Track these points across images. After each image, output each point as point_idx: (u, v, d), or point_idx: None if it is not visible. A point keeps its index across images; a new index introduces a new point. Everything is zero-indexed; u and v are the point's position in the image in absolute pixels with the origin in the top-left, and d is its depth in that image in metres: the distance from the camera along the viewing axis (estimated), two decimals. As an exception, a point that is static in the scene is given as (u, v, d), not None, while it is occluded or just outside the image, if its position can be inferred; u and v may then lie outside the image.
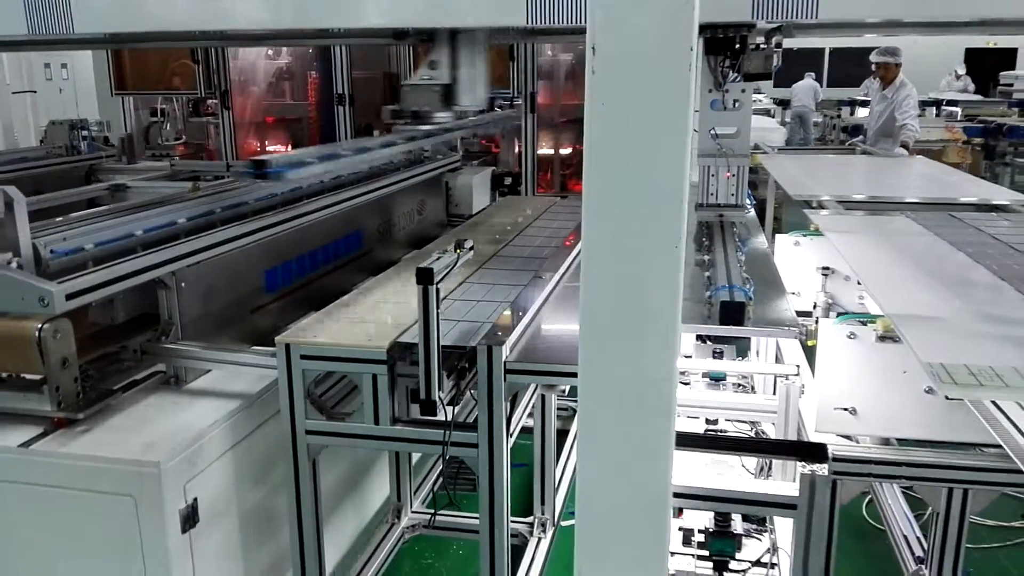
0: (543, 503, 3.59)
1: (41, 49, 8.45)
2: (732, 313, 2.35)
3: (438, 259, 2.31)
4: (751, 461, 2.82)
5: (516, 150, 6.72)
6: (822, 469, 2.14)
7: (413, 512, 3.66)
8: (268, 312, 3.29)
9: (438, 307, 2.24)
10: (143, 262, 2.66)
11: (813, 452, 2.17)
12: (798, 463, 2.16)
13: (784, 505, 2.19)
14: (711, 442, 2.55)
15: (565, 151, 7.10)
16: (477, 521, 2.60)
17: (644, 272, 1.69)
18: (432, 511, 3.56)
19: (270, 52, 7.72)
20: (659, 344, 1.72)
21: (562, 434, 4.17)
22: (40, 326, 2.39)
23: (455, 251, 2.41)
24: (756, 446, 2.59)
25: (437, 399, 2.30)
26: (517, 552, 3.38)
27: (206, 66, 7.18)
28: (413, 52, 6.89)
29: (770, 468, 2.91)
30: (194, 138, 7.77)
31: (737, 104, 3.50)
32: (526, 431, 3.50)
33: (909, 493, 3.43)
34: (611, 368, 1.74)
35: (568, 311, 2.94)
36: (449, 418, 2.38)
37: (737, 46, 3.12)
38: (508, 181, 5.73)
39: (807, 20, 2.69)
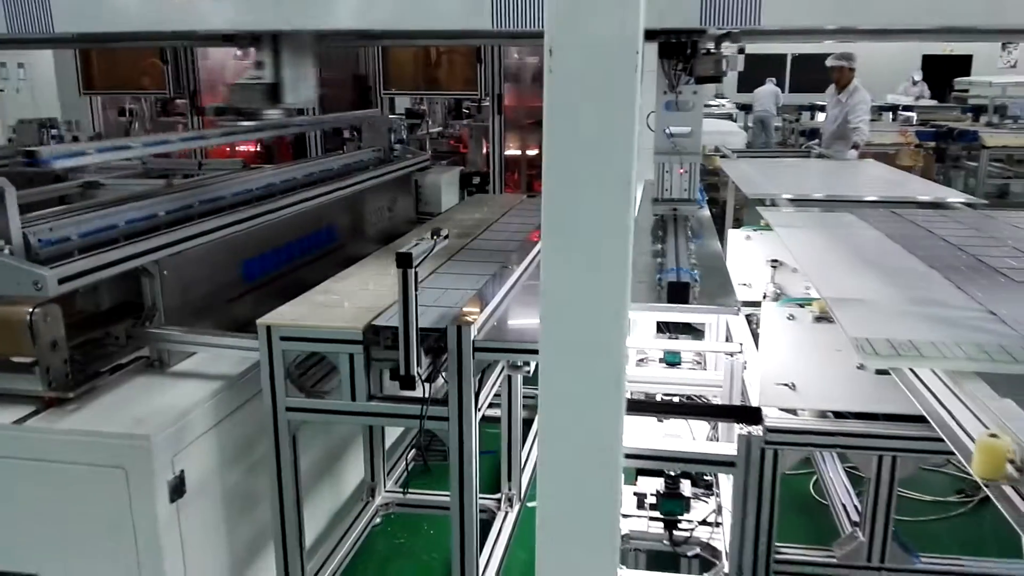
0: (510, 480, 3.78)
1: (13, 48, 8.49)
2: (678, 292, 2.55)
3: (416, 245, 2.49)
4: (700, 433, 3.04)
5: (484, 150, 6.92)
6: (757, 430, 2.36)
7: (386, 491, 3.83)
8: (245, 301, 3.44)
9: (416, 289, 2.43)
10: (129, 250, 2.81)
11: (749, 415, 2.39)
12: (736, 426, 2.38)
13: (724, 463, 2.41)
14: (657, 407, 2.77)
15: (532, 152, 7.30)
16: (447, 497, 2.79)
17: (597, 251, 1.88)
18: (404, 490, 3.73)
19: (239, 52, 7.83)
20: (611, 317, 1.91)
21: (527, 423, 4.36)
22: (31, 310, 2.55)
23: (432, 238, 2.60)
24: (698, 410, 2.81)
25: (416, 374, 2.48)
26: (485, 526, 3.56)
27: (175, 66, 7.31)
28: (382, 54, 7.06)
29: (717, 439, 3.13)
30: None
31: (689, 105, 3.69)
32: (493, 420, 3.69)
33: (851, 471, 3.68)
34: (568, 339, 1.93)
35: (532, 298, 3.14)
36: (426, 394, 2.57)
37: (689, 51, 3.32)
38: (476, 180, 5.92)
39: (752, 27, 2.91)
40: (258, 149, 7.75)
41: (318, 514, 3.45)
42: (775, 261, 4.10)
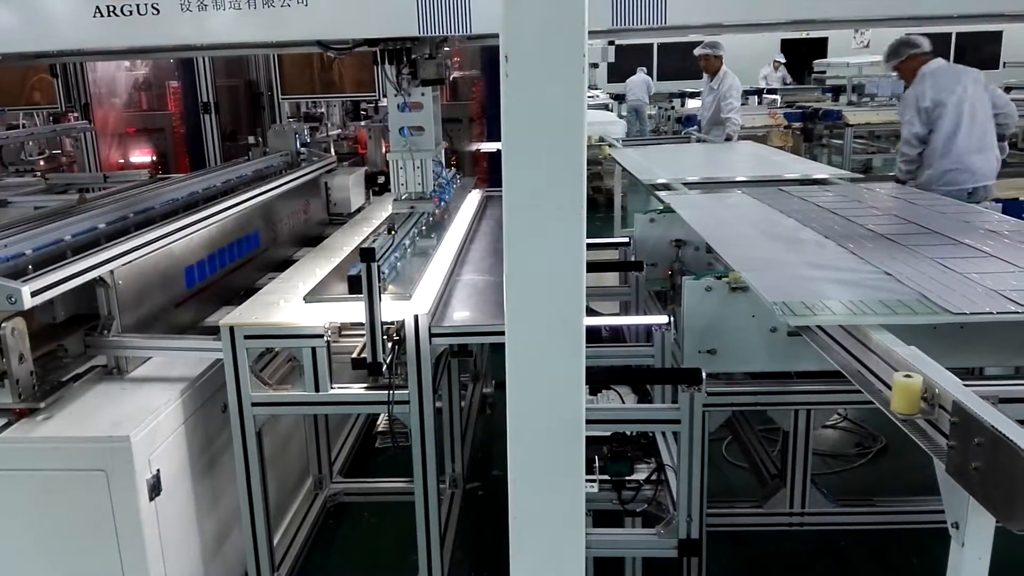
0: (453, 462, 3.99)
1: None
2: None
3: (375, 240, 2.66)
4: (630, 400, 3.31)
5: (384, 150, 7.03)
6: (699, 390, 2.63)
7: (333, 483, 3.98)
8: (188, 307, 3.54)
9: (380, 281, 2.61)
10: (91, 261, 2.87)
11: (690, 376, 2.66)
12: (680, 388, 2.65)
13: (669, 421, 2.68)
14: (609, 374, 3.03)
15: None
16: (395, 484, 2.84)
17: (554, 235, 2.09)
18: (352, 479, 3.88)
19: (127, 64, 7.75)
20: (570, 293, 2.13)
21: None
22: (-2, 324, 2.62)
23: (388, 234, 2.78)
24: (645, 375, 3.08)
25: (382, 361, 2.66)
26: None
27: (65, 80, 7.17)
28: (277, 60, 7.11)
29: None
30: (55, 151, 7.71)
31: (419, 106, 3.76)
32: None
33: (765, 435, 4.03)
34: (532, 315, 2.12)
35: (470, 287, 3.35)
36: (392, 379, 2.75)
37: (414, 56, 3.51)
38: (382, 180, 6.04)
39: (657, 26, 3.18)
40: (154, 159, 7.68)
41: (272, 507, 3.57)
42: (679, 241, 4.42)
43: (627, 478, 2.90)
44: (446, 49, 3.65)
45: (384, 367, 2.70)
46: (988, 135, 5.62)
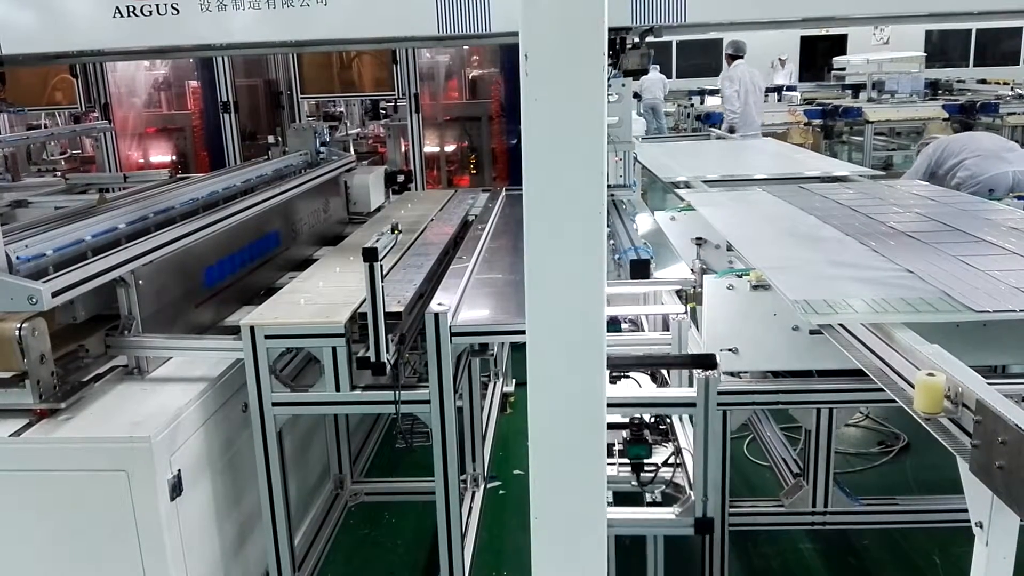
0: (474, 461, 3.98)
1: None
2: (640, 269, 2.79)
3: (378, 240, 2.66)
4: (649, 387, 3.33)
5: (403, 149, 7.05)
6: (714, 373, 2.63)
7: (354, 483, 3.99)
8: (209, 306, 3.54)
9: (382, 280, 2.61)
10: (112, 260, 2.89)
11: (705, 362, 2.67)
12: (695, 372, 2.66)
13: (685, 404, 2.69)
14: (626, 362, 3.04)
15: (450, 148, 7.45)
16: (415, 484, 2.86)
17: (576, 233, 2.09)
18: (373, 479, 3.89)
19: (147, 64, 7.78)
20: (591, 289, 2.12)
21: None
22: (19, 325, 2.63)
23: (392, 233, 2.78)
24: (661, 361, 3.09)
25: (386, 360, 2.66)
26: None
27: (85, 80, 7.21)
28: (297, 59, 7.13)
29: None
30: (75, 151, 7.75)
31: (619, 97, 3.87)
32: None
33: (784, 431, 4.00)
34: (554, 308, 2.12)
35: (490, 284, 3.35)
36: (399, 378, 2.75)
37: (618, 47, 3.53)
38: (401, 179, 6.05)
39: (676, 23, 3.16)
40: (173, 159, 7.71)
41: (293, 506, 3.58)
42: (700, 239, 4.39)
43: (646, 461, 2.92)
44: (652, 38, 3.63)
45: (388, 366, 2.69)
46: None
